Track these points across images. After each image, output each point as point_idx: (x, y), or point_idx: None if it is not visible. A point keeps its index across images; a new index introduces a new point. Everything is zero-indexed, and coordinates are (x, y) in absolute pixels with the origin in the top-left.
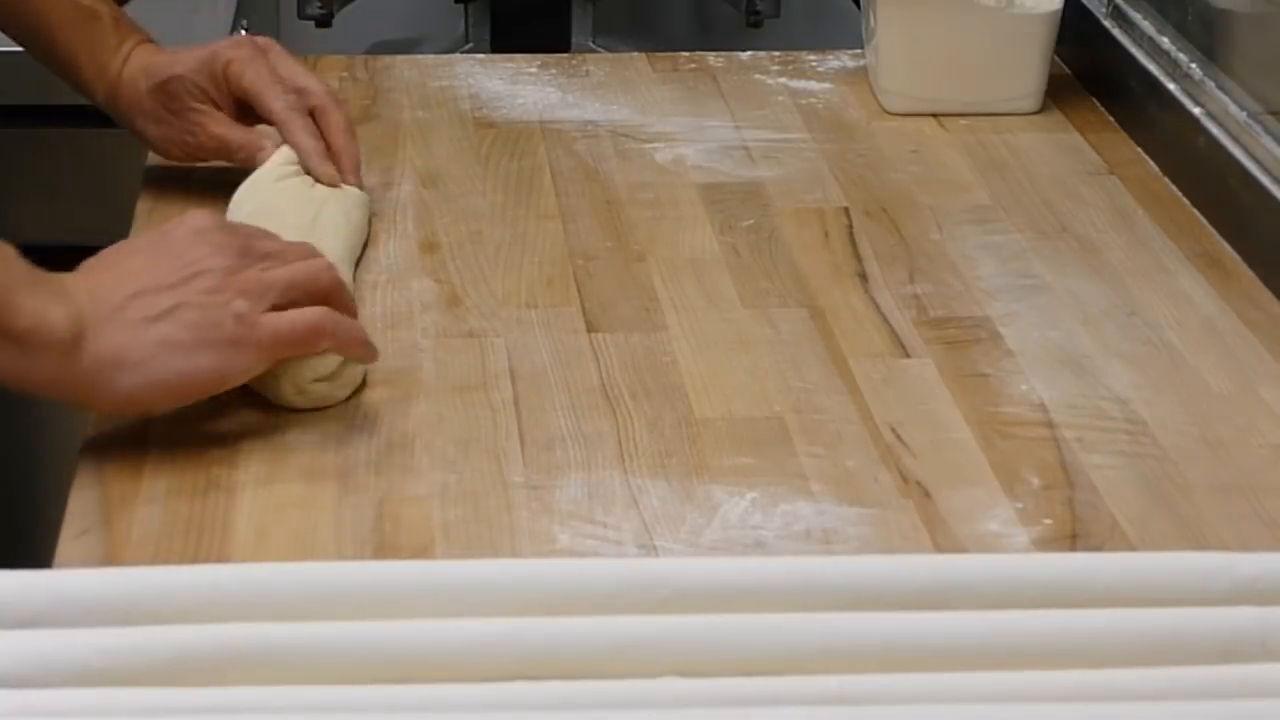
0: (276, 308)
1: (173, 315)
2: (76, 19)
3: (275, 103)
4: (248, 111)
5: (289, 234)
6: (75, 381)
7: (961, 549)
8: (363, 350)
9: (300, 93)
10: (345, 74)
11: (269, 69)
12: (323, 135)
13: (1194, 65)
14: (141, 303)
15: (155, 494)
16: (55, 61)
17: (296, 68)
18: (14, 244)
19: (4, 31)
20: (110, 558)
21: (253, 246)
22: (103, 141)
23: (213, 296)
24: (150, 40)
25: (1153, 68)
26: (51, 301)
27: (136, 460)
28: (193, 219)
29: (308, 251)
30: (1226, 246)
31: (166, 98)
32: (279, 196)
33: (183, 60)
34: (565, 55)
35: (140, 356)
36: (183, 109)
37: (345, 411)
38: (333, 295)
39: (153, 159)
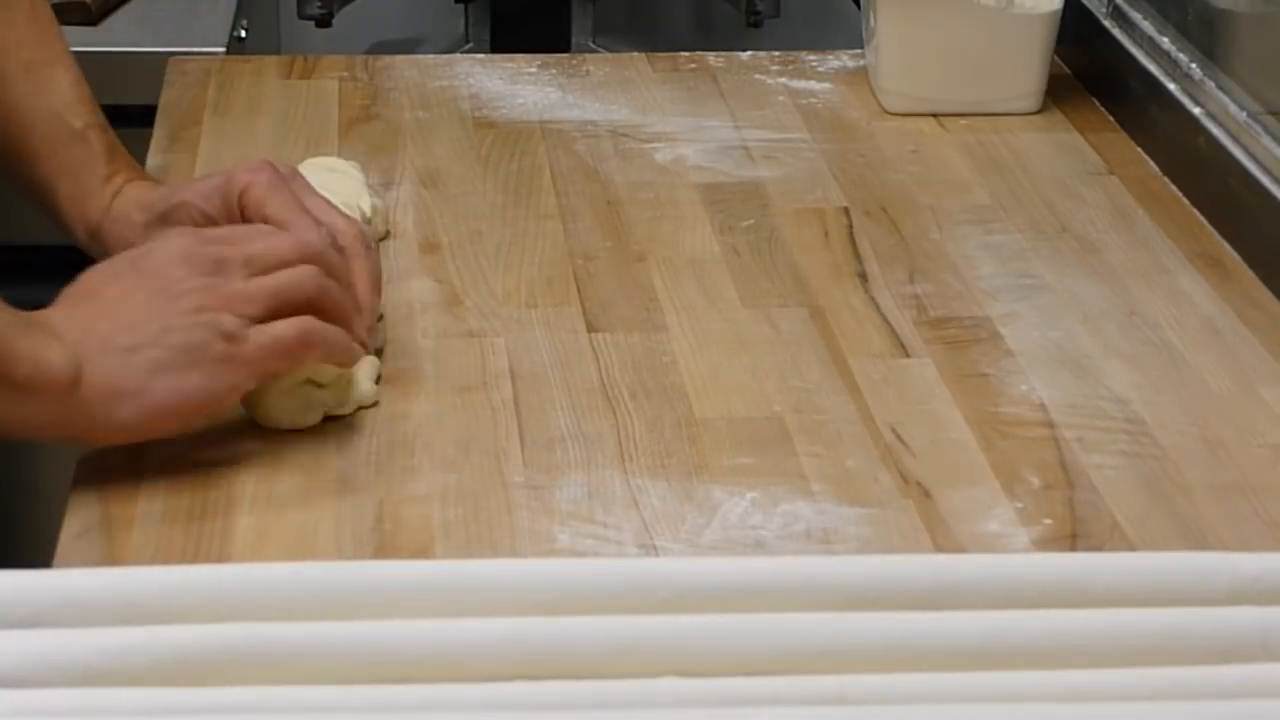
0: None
1: (159, 341)
2: (60, 141)
3: (307, 234)
4: None
5: None
6: (76, 419)
7: (961, 549)
8: (346, 356)
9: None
10: (345, 74)
11: (294, 198)
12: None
13: (1194, 65)
14: (127, 331)
15: (155, 494)
16: (34, 190)
17: (322, 203)
18: (25, 244)
19: None
20: (110, 558)
21: (229, 257)
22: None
23: (197, 317)
24: (145, 176)
25: (1153, 68)
26: (45, 343)
27: (137, 460)
28: (164, 240)
29: (290, 248)
30: (1226, 246)
31: (166, 227)
32: None
33: (190, 188)
34: (565, 55)
35: (135, 385)
36: None
37: (366, 406)
38: (322, 297)
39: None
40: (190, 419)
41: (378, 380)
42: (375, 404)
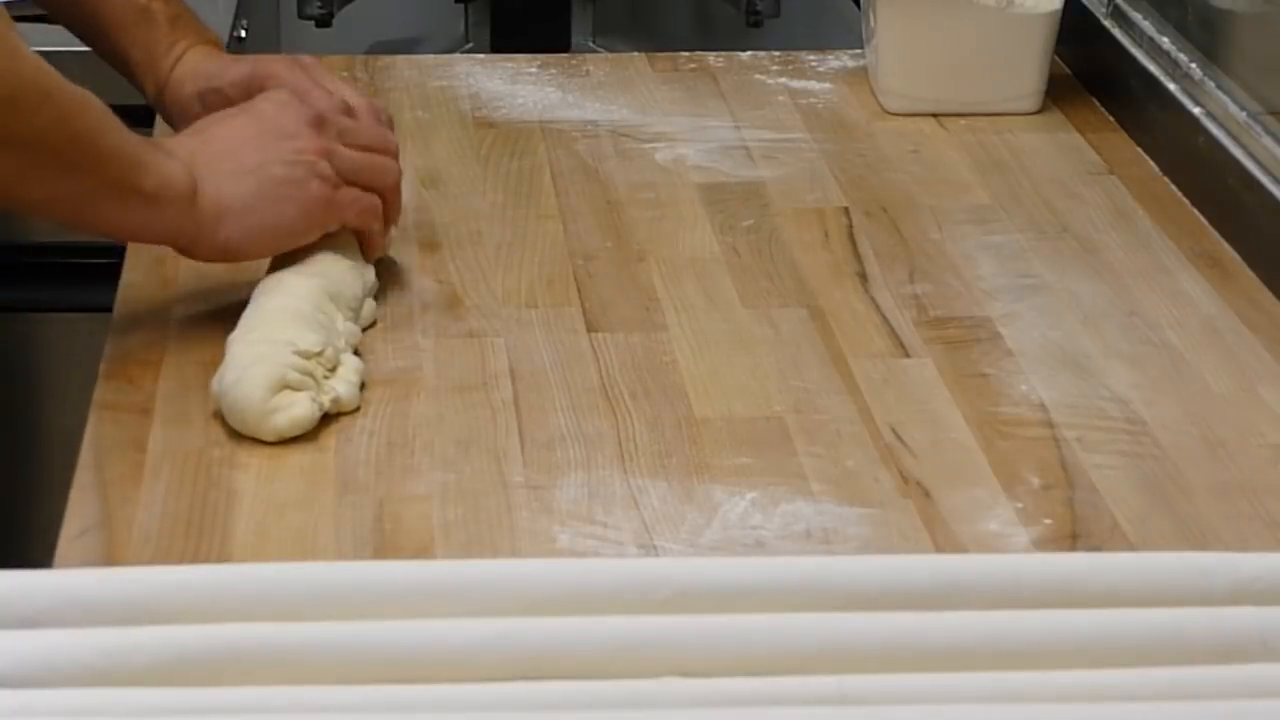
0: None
1: (262, 170)
2: (129, 18)
3: (320, 103)
4: None
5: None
6: (188, 230)
7: (961, 549)
8: (380, 241)
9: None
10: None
11: (310, 79)
12: None
13: (1194, 65)
14: (232, 159)
15: (155, 494)
16: (112, 59)
17: (339, 83)
18: (25, 244)
19: (71, 32)
20: (110, 558)
21: (328, 119)
22: None
23: (298, 156)
24: (210, 41)
25: (1153, 68)
26: (167, 159)
27: (136, 460)
28: (273, 93)
29: (380, 139)
30: (1226, 246)
31: (204, 107)
32: None
33: (227, 72)
34: (565, 55)
35: (240, 206)
36: None
37: (346, 412)
38: (389, 192)
39: None
40: (282, 246)
41: (362, 387)
42: (357, 409)
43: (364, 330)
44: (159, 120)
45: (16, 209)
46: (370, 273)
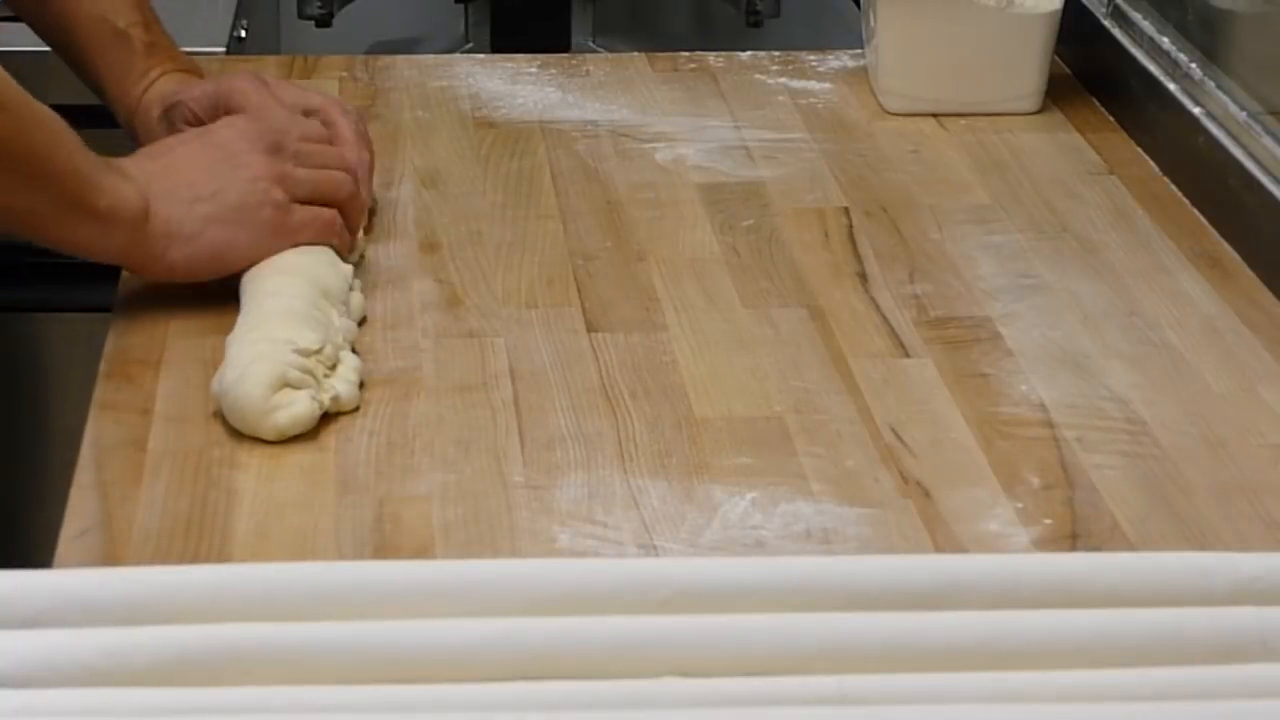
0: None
1: (216, 198)
2: (104, 42)
3: (277, 124)
4: None
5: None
6: (136, 251)
7: (961, 549)
8: (347, 247)
9: (306, 113)
10: (345, 74)
11: (271, 95)
12: None
13: (1194, 65)
14: (188, 187)
15: (155, 494)
16: (87, 79)
17: (300, 91)
18: (25, 244)
19: (49, 46)
20: (110, 558)
21: (285, 143)
22: (99, 141)
23: (252, 184)
24: (185, 69)
25: (1153, 68)
26: (122, 181)
27: (136, 460)
28: (231, 120)
29: (336, 158)
30: (1226, 246)
31: (168, 124)
32: None
33: (192, 89)
34: (565, 55)
35: (190, 231)
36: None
37: (345, 411)
38: (347, 205)
39: None
40: (229, 270)
41: (361, 386)
42: (357, 408)
43: (358, 325)
44: None
45: None
46: (348, 266)
